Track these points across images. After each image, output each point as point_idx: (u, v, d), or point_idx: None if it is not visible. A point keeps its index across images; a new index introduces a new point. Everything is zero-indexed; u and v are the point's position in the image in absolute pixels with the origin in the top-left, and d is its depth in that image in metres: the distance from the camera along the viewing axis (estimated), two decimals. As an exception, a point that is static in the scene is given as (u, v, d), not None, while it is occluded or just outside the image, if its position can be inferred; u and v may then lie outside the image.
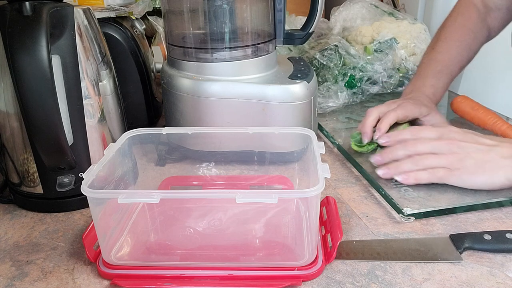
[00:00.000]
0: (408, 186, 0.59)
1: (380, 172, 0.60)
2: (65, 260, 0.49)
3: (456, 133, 0.59)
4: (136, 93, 0.78)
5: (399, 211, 0.54)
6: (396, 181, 0.60)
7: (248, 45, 0.68)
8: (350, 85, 0.91)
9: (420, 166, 0.58)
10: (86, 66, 0.55)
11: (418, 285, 0.43)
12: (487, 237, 0.48)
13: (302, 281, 0.44)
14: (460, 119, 0.80)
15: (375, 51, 0.94)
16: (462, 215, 0.54)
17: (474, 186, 0.57)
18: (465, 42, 0.80)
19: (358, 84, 0.92)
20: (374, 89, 0.94)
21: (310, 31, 0.72)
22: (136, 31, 0.78)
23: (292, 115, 0.65)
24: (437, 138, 0.59)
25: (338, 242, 0.45)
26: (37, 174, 0.56)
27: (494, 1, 0.81)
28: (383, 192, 0.58)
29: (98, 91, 0.57)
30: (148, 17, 0.99)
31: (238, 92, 0.64)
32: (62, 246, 0.51)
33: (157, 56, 0.97)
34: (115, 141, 0.53)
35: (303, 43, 0.73)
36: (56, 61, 0.51)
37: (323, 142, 0.51)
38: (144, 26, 0.83)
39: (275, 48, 0.72)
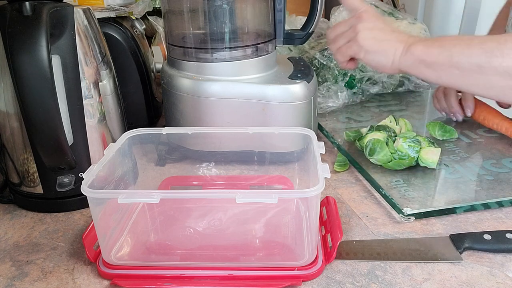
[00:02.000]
0: (408, 186, 0.59)
1: None
2: (65, 260, 0.49)
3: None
4: (136, 93, 0.78)
5: (399, 211, 0.54)
6: (396, 181, 0.60)
7: (248, 45, 0.68)
8: (350, 85, 0.91)
9: (334, 49, 0.64)
10: (86, 66, 0.55)
11: (418, 285, 0.43)
12: (487, 237, 0.48)
13: (302, 281, 0.44)
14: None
15: (375, 51, 0.94)
16: (462, 215, 0.54)
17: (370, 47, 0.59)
18: None
19: (358, 84, 0.92)
20: (374, 89, 0.94)
21: (310, 31, 0.72)
22: (136, 31, 0.78)
23: (292, 115, 0.65)
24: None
25: (338, 242, 0.45)
26: (37, 174, 0.56)
27: None
28: (383, 192, 0.58)
29: (98, 91, 0.57)
30: (148, 17, 0.99)
31: (238, 92, 0.64)
32: (62, 246, 0.51)
33: (157, 56, 0.97)
34: (115, 141, 0.53)
35: (303, 43, 0.73)
36: (56, 61, 0.51)
37: (323, 142, 0.51)
38: (144, 26, 0.83)
39: (275, 48, 0.72)
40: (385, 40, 0.58)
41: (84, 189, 0.42)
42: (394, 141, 0.65)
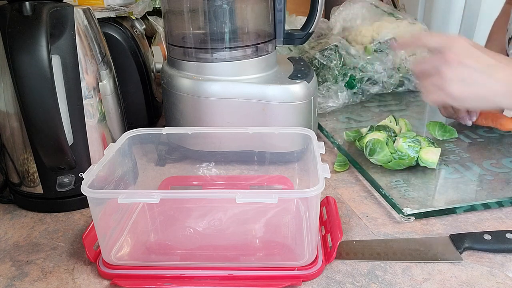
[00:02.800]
0: (408, 186, 0.59)
1: None
2: (65, 260, 0.49)
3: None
4: (136, 93, 0.78)
5: (399, 211, 0.54)
6: (396, 181, 0.60)
7: (248, 45, 0.68)
8: (350, 85, 0.91)
9: (423, 91, 0.56)
10: (86, 66, 0.55)
11: (418, 285, 0.43)
12: (487, 237, 0.48)
13: (302, 281, 0.44)
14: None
15: (375, 51, 0.94)
16: (462, 215, 0.54)
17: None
18: None
19: (358, 84, 0.92)
20: (374, 89, 0.94)
21: (310, 31, 0.72)
22: (136, 31, 0.78)
23: (292, 115, 0.65)
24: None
25: (338, 242, 0.45)
26: (37, 174, 0.56)
27: None
28: (383, 192, 0.58)
29: (98, 91, 0.57)
30: (148, 17, 0.99)
31: (238, 92, 0.64)
32: (62, 246, 0.51)
33: (157, 56, 0.97)
34: (115, 141, 0.53)
35: (303, 43, 0.73)
36: (56, 61, 0.51)
37: (323, 142, 0.51)
38: (144, 26, 0.83)
39: (275, 48, 0.72)
40: (479, 85, 0.51)
41: (84, 189, 0.42)
42: (394, 141, 0.65)
